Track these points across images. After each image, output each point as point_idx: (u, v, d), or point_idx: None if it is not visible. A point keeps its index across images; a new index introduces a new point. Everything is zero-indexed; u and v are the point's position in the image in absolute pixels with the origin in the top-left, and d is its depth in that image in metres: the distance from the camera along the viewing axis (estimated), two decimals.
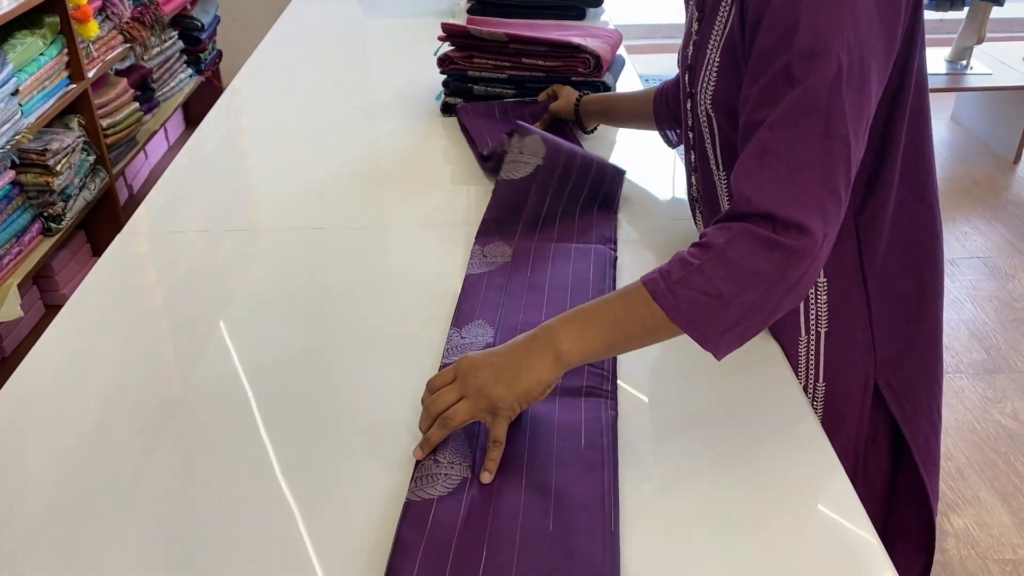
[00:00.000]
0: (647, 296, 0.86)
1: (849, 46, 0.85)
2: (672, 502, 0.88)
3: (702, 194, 1.17)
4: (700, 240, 0.87)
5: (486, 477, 0.88)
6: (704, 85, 1.04)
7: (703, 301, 0.84)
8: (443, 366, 1.05)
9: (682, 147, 1.25)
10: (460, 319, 1.14)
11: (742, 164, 0.88)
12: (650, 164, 1.60)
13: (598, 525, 0.83)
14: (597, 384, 1.01)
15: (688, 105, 1.13)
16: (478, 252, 1.29)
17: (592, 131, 1.71)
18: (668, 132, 1.47)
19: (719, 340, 0.86)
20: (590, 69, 1.72)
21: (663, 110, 1.45)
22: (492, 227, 1.34)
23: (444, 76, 1.83)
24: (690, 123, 1.14)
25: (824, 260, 0.86)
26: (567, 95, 1.67)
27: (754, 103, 0.90)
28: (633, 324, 0.88)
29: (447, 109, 1.84)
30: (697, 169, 1.16)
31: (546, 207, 1.37)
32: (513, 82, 1.78)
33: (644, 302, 0.86)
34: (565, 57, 1.73)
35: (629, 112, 1.56)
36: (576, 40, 1.74)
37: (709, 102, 1.04)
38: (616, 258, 1.28)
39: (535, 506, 0.85)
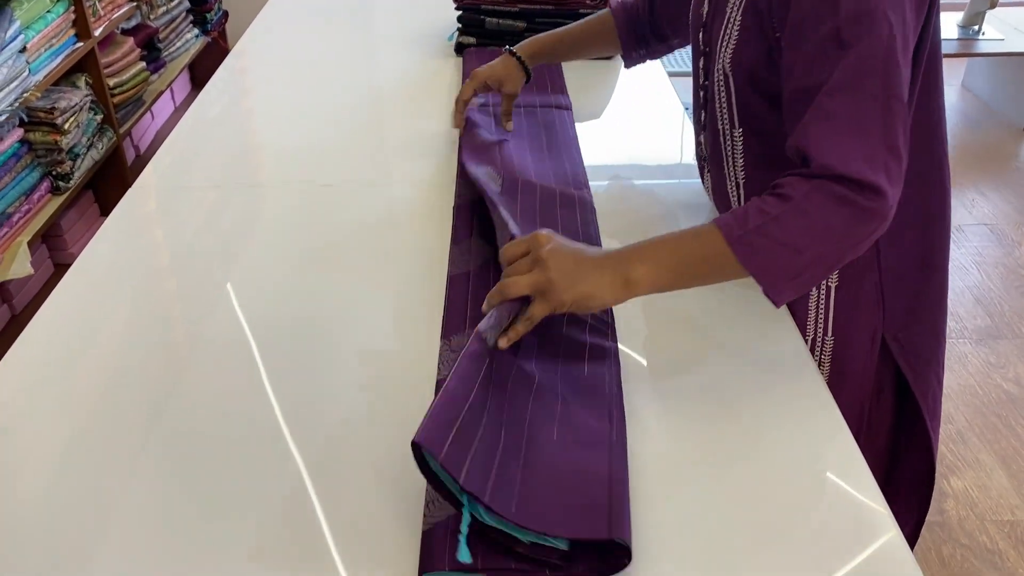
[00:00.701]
0: (722, 239, 0.89)
1: (894, 6, 0.87)
2: (672, 456, 0.89)
3: (709, 153, 1.18)
4: (776, 190, 0.90)
5: (503, 342, 0.90)
6: (723, 45, 1.04)
7: (777, 251, 0.88)
8: (447, 302, 1.09)
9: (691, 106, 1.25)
10: (457, 235, 1.21)
11: (806, 130, 0.90)
12: (658, 125, 1.61)
13: (603, 434, 0.86)
14: (601, 317, 1.05)
15: (700, 63, 1.12)
16: (462, 183, 1.33)
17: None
18: (633, 53, 1.44)
19: (784, 288, 0.90)
20: (596, 1, 1.83)
21: (629, 32, 1.41)
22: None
23: (459, 12, 1.89)
24: (701, 81, 1.13)
25: (891, 219, 0.89)
26: (501, 74, 1.45)
27: (802, 70, 0.91)
28: (704, 264, 0.91)
29: (460, 49, 1.88)
30: (706, 128, 1.16)
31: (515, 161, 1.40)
32: (524, 15, 1.86)
33: (718, 244, 0.89)
34: None
35: (578, 41, 1.47)
36: None
37: (728, 62, 1.04)
38: (594, 205, 1.30)
39: (545, 417, 0.88)
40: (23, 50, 2.45)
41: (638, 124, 1.62)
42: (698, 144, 1.23)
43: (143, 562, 0.79)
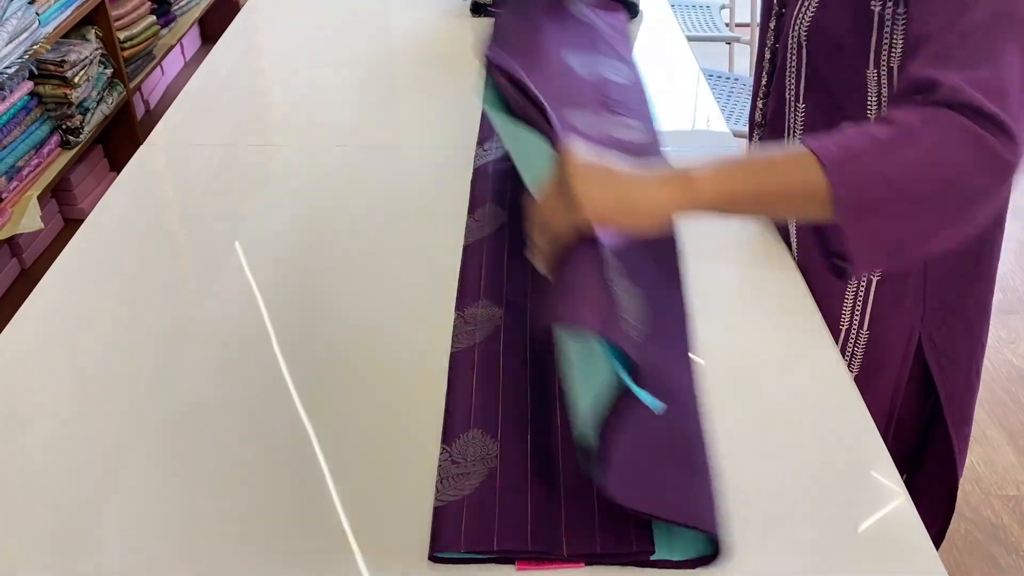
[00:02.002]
0: (814, 162, 0.75)
1: None
2: None
3: (767, 120, 1.13)
4: (886, 116, 0.76)
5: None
6: (802, 11, 0.98)
7: (877, 183, 0.74)
8: (462, 272, 1.07)
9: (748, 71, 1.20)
10: (474, 205, 1.21)
11: (932, 58, 0.77)
12: (673, 89, 1.59)
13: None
14: None
15: (772, 24, 1.07)
16: (480, 152, 1.33)
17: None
18: None
19: (870, 246, 0.76)
20: None
21: None
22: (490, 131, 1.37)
23: None
24: (770, 43, 1.08)
25: (1013, 180, 0.76)
26: None
27: (929, 11, 0.80)
28: (787, 182, 0.77)
29: (476, 9, 1.84)
30: (769, 94, 1.11)
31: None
32: None
33: (809, 166, 0.75)
34: None
35: None
36: None
37: (804, 30, 0.98)
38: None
39: None
40: (32, 1, 2.43)
41: (653, 88, 1.60)
42: (754, 108, 1.17)
43: (149, 523, 0.80)
